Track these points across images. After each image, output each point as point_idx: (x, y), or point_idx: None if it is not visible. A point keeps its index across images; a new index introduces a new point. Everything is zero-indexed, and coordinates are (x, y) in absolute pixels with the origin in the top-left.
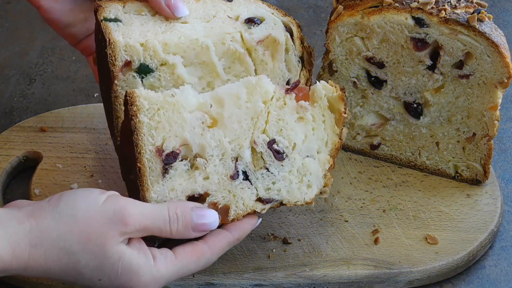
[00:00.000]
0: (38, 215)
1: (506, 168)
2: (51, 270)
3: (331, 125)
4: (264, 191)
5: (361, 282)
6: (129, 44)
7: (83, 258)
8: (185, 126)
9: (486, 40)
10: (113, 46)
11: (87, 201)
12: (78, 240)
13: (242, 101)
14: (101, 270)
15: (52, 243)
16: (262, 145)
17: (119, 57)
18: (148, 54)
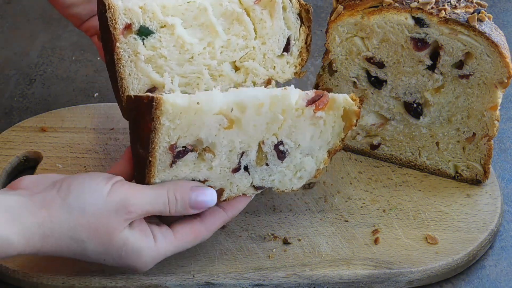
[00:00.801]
0: (49, 207)
1: (506, 168)
2: (61, 254)
3: (339, 131)
4: (259, 181)
5: (361, 282)
6: (128, 8)
7: (90, 245)
8: (202, 128)
9: (486, 40)
10: (113, 10)
11: (94, 193)
12: (86, 231)
13: (264, 109)
14: (106, 253)
15: (63, 233)
16: (269, 146)
17: (119, 20)
18: (147, 16)
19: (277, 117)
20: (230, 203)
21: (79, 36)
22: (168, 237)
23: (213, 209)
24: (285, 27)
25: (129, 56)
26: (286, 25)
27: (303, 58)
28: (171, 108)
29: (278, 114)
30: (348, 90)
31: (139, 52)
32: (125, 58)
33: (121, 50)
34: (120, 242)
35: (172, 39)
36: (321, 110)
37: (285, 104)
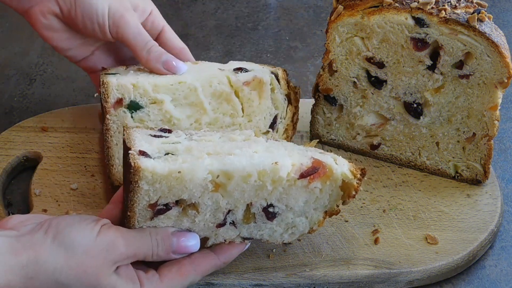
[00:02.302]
0: (36, 247)
1: (506, 168)
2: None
3: (336, 198)
4: (247, 233)
5: (361, 282)
6: (121, 84)
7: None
8: (185, 191)
9: (486, 40)
10: (106, 86)
11: (84, 233)
12: (74, 273)
13: (252, 180)
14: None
15: (48, 276)
16: (258, 208)
17: (112, 94)
18: (138, 92)
19: (266, 187)
20: (222, 248)
21: None
22: (154, 283)
23: (203, 252)
24: (272, 107)
25: (118, 127)
26: (273, 105)
27: (288, 134)
28: (151, 175)
29: (267, 184)
30: (348, 90)
31: (127, 124)
32: (113, 129)
33: (110, 122)
34: (108, 287)
35: (160, 114)
36: (316, 179)
37: (275, 177)
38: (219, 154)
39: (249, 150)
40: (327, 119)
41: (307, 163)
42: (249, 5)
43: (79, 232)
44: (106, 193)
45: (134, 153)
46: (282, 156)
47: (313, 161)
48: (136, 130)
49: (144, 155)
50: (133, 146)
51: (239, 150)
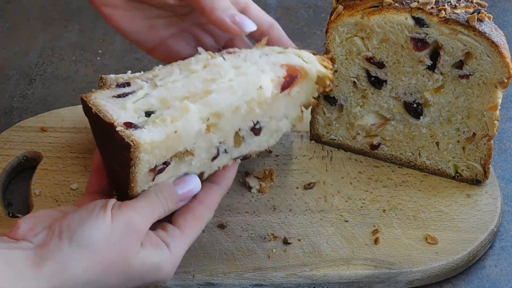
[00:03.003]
0: (55, 256)
1: (506, 168)
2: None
3: (312, 92)
4: (237, 154)
5: (361, 282)
6: (118, 78)
7: (110, 280)
8: (181, 145)
9: (486, 40)
10: (104, 80)
11: (97, 227)
12: (102, 268)
13: (241, 111)
14: (128, 280)
15: (76, 280)
16: (246, 130)
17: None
18: None
19: (253, 111)
20: (219, 176)
21: (79, 36)
22: (177, 238)
23: (205, 187)
24: None
25: None
26: None
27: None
28: (150, 146)
29: (255, 109)
30: (348, 90)
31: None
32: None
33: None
34: (139, 265)
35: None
36: (295, 87)
37: (261, 99)
38: (197, 95)
39: (224, 81)
40: (327, 119)
41: (283, 73)
42: None
43: (93, 226)
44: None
45: (123, 129)
46: (258, 76)
47: (287, 69)
48: (97, 96)
49: (133, 127)
50: (114, 120)
51: (214, 84)
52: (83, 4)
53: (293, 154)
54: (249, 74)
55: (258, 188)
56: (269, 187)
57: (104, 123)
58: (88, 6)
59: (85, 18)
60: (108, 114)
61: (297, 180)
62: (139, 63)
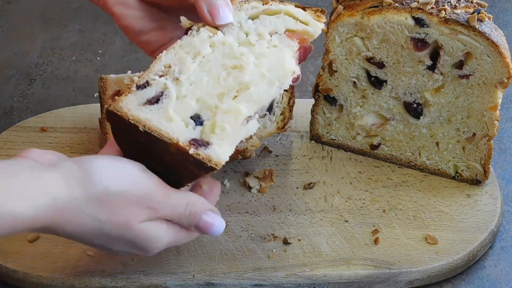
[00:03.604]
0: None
1: (506, 168)
2: (72, 231)
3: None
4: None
5: (361, 282)
6: (119, 78)
7: (107, 226)
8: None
9: (486, 40)
10: (104, 80)
11: (121, 176)
12: (107, 210)
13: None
14: (121, 239)
15: (80, 209)
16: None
17: (110, 88)
18: None
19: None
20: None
21: (79, 36)
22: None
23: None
24: None
25: None
26: None
27: (285, 116)
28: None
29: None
30: (348, 90)
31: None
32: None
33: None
34: (137, 232)
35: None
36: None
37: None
38: (232, 90)
39: (250, 68)
40: (327, 119)
41: (296, 46)
42: None
43: (118, 171)
44: None
45: (194, 150)
46: (282, 58)
47: (299, 41)
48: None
49: (201, 145)
50: (175, 139)
51: (244, 73)
52: (83, 4)
53: (293, 154)
54: (270, 55)
55: (258, 188)
56: (269, 187)
57: (157, 141)
58: (88, 6)
59: (85, 18)
60: (162, 131)
61: (297, 180)
62: (139, 63)
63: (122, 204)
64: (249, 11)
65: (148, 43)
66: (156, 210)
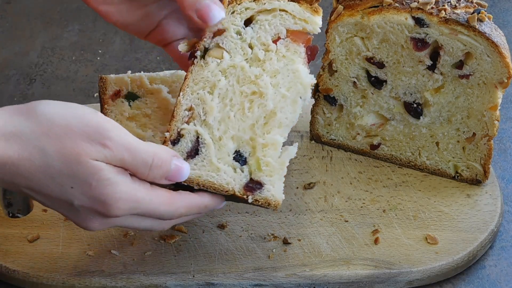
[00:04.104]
0: (15, 113)
1: (506, 168)
2: (23, 169)
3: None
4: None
5: (361, 282)
6: (119, 77)
7: (56, 163)
8: None
9: (486, 40)
10: (104, 80)
11: (69, 109)
12: (53, 142)
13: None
14: (74, 178)
15: (26, 140)
16: None
17: (109, 88)
18: (135, 85)
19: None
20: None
21: (79, 36)
22: (145, 185)
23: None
24: None
25: (116, 115)
26: None
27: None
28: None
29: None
30: (348, 90)
31: (125, 111)
32: (111, 117)
33: (108, 111)
34: (91, 169)
35: (157, 101)
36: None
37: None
38: (261, 118)
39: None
40: (327, 119)
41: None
42: None
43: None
44: None
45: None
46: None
47: (304, 43)
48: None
49: (256, 189)
50: (232, 190)
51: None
52: (83, 4)
53: None
54: (283, 70)
55: None
56: None
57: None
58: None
59: (85, 18)
60: (216, 185)
61: (297, 180)
62: (139, 63)
63: (69, 136)
64: (244, 14)
65: (139, 31)
66: (110, 148)
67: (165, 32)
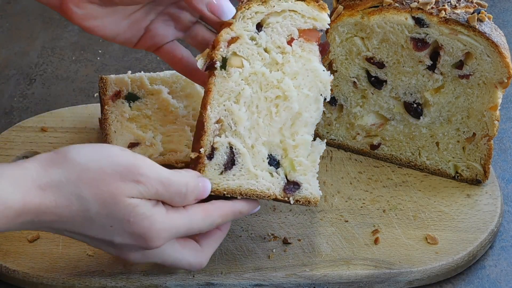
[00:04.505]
0: (47, 163)
1: (506, 168)
2: (62, 216)
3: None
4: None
5: (361, 282)
6: (119, 78)
7: (93, 206)
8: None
9: (486, 40)
10: (105, 80)
11: (100, 152)
12: (88, 188)
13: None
14: (113, 218)
15: (62, 188)
16: None
17: (110, 88)
18: (135, 85)
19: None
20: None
21: (79, 36)
22: (179, 210)
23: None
24: None
25: (116, 116)
26: None
27: None
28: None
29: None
30: (348, 90)
31: (125, 112)
32: (112, 118)
33: (109, 112)
34: (128, 207)
35: (157, 102)
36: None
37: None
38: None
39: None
40: (327, 119)
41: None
42: None
43: (93, 150)
44: None
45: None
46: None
47: (317, 41)
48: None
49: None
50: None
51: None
52: None
53: None
54: (302, 70)
55: None
56: None
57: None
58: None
59: None
60: (258, 191)
61: None
62: (139, 63)
63: (103, 179)
64: (255, 18)
65: (128, 41)
66: (144, 184)
67: (154, 36)
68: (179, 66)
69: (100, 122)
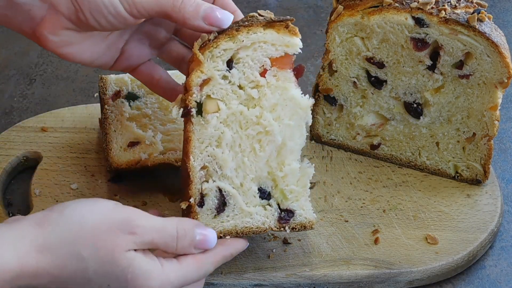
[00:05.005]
0: (42, 223)
1: (506, 168)
2: (59, 277)
3: None
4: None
5: (361, 282)
6: (119, 78)
7: (91, 264)
8: None
9: (486, 40)
10: (104, 80)
11: (94, 208)
12: (85, 246)
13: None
14: (110, 276)
15: (59, 249)
16: None
17: (110, 87)
18: (135, 85)
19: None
20: (227, 241)
21: None
22: (174, 263)
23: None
24: None
25: (116, 116)
26: None
27: None
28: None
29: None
30: (348, 90)
31: (125, 111)
32: (112, 118)
33: (109, 111)
34: (125, 263)
35: (157, 102)
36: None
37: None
38: (273, 151)
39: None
40: (327, 119)
41: (291, 74)
42: (249, 5)
43: (89, 207)
44: (106, 193)
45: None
46: (293, 99)
47: (291, 68)
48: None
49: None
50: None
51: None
52: None
53: None
54: (280, 100)
55: None
56: None
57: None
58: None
59: None
60: (254, 228)
61: None
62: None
63: (99, 235)
64: (224, 56)
65: (105, 64)
66: (139, 234)
67: (130, 57)
68: (158, 88)
69: (100, 122)
